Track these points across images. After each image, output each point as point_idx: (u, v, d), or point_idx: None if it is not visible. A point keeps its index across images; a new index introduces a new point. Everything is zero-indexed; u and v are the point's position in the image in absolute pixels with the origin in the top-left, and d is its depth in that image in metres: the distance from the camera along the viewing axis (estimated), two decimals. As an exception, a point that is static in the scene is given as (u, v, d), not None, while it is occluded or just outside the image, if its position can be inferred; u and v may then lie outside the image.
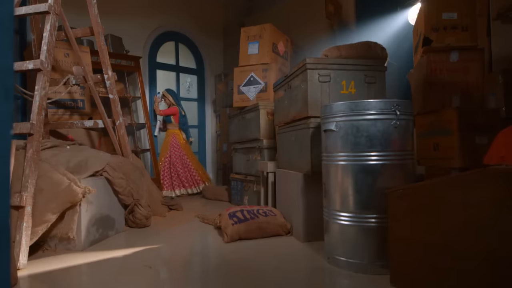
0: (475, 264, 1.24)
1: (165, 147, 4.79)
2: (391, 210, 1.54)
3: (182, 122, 4.90)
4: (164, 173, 4.69)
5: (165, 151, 4.77)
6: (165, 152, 4.76)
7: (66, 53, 3.18)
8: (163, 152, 4.79)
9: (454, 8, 2.59)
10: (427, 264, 1.39)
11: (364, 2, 4.54)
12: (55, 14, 2.27)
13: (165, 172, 4.70)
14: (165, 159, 4.73)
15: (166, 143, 4.83)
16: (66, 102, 3.16)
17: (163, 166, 4.71)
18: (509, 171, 1.22)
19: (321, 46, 3.40)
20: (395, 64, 3.57)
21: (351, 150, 1.76)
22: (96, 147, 3.31)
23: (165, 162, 4.71)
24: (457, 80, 2.59)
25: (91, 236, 2.36)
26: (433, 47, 2.60)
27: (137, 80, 4.63)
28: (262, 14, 5.20)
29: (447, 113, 2.50)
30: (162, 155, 4.78)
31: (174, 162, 4.70)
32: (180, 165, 4.72)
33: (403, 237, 1.48)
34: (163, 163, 4.72)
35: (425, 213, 1.40)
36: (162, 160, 4.74)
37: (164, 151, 4.78)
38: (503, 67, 2.87)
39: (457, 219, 1.30)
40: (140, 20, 4.88)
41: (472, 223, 1.26)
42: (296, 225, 2.41)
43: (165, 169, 4.70)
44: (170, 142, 4.78)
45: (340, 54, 2.43)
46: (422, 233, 1.40)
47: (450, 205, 1.33)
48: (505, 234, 1.18)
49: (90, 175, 2.45)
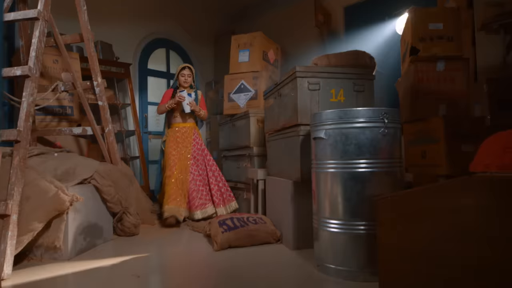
0: (463, 272, 1.25)
1: (185, 144, 3.55)
2: (380, 218, 1.56)
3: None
4: (195, 183, 3.43)
5: (185, 150, 3.52)
6: (184, 151, 3.51)
7: (55, 59, 3.15)
8: (180, 151, 3.50)
9: (440, 19, 2.65)
10: (416, 272, 1.40)
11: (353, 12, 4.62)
12: (44, 21, 2.25)
13: (196, 181, 3.43)
14: (187, 161, 3.46)
15: (185, 139, 3.58)
16: (54, 109, 3.13)
17: (187, 171, 3.42)
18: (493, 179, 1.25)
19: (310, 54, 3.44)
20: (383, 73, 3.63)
21: (340, 158, 1.78)
22: (85, 154, 3.27)
23: (189, 167, 3.45)
24: (444, 89, 2.64)
25: (78, 245, 2.32)
26: (420, 57, 2.66)
27: (127, 86, 4.61)
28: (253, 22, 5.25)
29: (434, 122, 2.54)
30: (179, 157, 3.47)
31: (200, 165, 3.53)
32: (211, 172, 3.55)
33: (391, 245, 1.49)
34: (182, 168, 3.43)
35: (413, 221, 1.42)
36: (182, 164, 3.44)
37: (182, 149, 3.52)
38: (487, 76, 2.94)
39: (444, 227, 1.32)
40: (130, 27, 4.87)
41: (460, 230, 1.28)
42: (286, 233, 2.41)
43: (194, 176, 3.44)
44: (194, 139, 3.60)
45: (330, 62, 2.47)
46: (410, 240, 1.42)
47: (437, 213, 1.34)
48: (491, 241, 1.20)
49: (78, 183, 2.42)
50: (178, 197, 3.28)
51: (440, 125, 2.48)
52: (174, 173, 3.39)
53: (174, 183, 3.35)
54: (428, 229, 1.36)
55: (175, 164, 3.44)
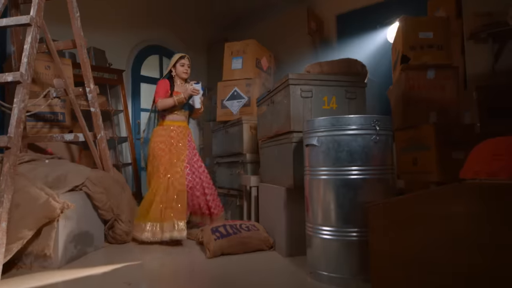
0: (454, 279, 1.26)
1: (180, 146, 3.04)
2: (372, 225, 1.56)
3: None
4: (192, 192, 3.02)
5: (179, 154, 3.01)
6: (179, 155, 3.00)
7: (47, 65, 3.13)
8: (173, 154, 2.99)
9: (430, 28, 2.70)
10: (408, 278, 1.40)
11: (345, 20, 4.68)
12: (37, 27, 2.24)
13: (194, 189, 3.03)
14: (182, 166, 2.96)
15: (180, 140, 3.07)
16: (46, 115, 3.10)
17: (183, 178, 2.92)
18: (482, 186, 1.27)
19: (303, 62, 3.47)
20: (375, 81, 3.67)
21: (333, 165, 1.79)
22: (76, 161, 3.24)
23: (185, 173, 2.97)
24: (434, 97, 2.68)
25: (69, 253, 2.29)
26: (411, 65, 2.70)
27: (119, 93, 4.60)
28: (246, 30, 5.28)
29: (425, 129, 2.57)
30: (170, 161, 2.96)
31: (195, 172, 3.10)
32: (205, 178, 3.12)
33: (383, 252, 1.50)
34: (176, 174, 2.90)
35: (405, 227, 1.43)
36: (176, 169, 2.92)
37: (177, 152, 3.00)
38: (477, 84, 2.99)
39: (436, 233, 1.33)
40: (124, 34, 4.87)
41: (451, 237, 1.29)
42: (279, 240, 2.41)
43: (190, 183, 2.99)
44: (189, 140, 3.16)
45: (322, 70, 2.49)
46: (402, 247, 1.43)
47: (429, 219, 1.36)
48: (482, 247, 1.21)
49: (69, 190, 2.39)
50: (172, 209, 2.72)
51: (431, 132, 2.51)
52: (166, 180, 2.85)
53: (164, 191, 2.80)
54: (419, 235, 1.37)
55: (167, 170, 2.90)
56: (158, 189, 2.84)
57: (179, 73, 3.15)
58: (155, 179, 2.91)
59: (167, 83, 3.08)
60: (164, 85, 3.07)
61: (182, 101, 2.99)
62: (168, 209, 2.73)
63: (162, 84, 3.07)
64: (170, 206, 2.74)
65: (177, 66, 3.14)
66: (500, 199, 1.20)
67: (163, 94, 3.02)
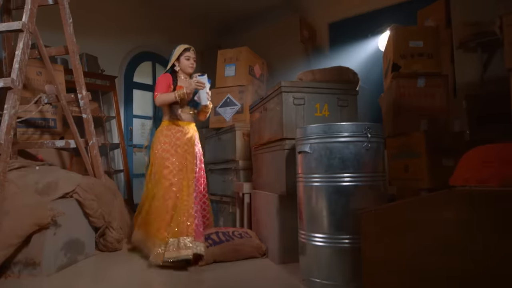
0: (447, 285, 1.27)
1: (189, 151, 2.64)
2: (364, 231, 1.57)
3: None
4: (198, 205, 2.57)
5: (188, 159, 2.61)
6: (188, 161, 2.60)
7: (39, 71, 3.11)
8: (182, 158, 2.58)
9: (420, 37, 2.74)
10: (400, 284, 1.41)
11: (337, 28, 4.73)
12: (29, 32, 2.24)
13: (199, 203, 2.60)
14: (191, 174, 2.59)
15: (187, 143, 2.66)
16: (37, 121, 3.07)
17: (191, 188, 2.52)
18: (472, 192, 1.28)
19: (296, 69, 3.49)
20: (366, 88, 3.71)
21: (325, 172, 1.80)
22: (67, 168, 3.21)
23: (193, 182, 2.58)
24: (425, 105, 2.72)
25: (59, 261, 2.26)
26: (402, 73, 2.74)
27: (112, 99, 4.57)
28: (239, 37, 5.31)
29: (415, 136, 2.60)
30: (179, 167, 2.55)
31: (197, 183, 2.65)
32: (203, 190, 2.79)
33: (376, 258, 1.51)
34: (184, 182, 2.52)
35: (397, 234, 1.44)
36: (185, 177, 2.53)
37: (185, 157, 2.60)
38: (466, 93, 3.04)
39: (427, 240, 1.34)
40: (116, 40, 4.86)
41: (442, 243, 1.30)
42: (272, 247, 2.40)
43: (197, 195, 2.59)
44: (195, 144, 2.74)
45: (314, 78, 2.51)
46: (394, 253, 1.43)
47: (420, 226, 1.37)
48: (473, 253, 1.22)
49: (60, 197, 2.36)
50: (180, 223, 2.32)
51: (421, 139, 2.54)
52: (173, 188, 2.45)
53: (172, 202, 2.40)
54: (411, 242, 1.38)
55: (174, 175, 2.48)
56: (164, 197, 2.44)
57: (183, 67, 2.72)
58: (157, 182, 2.51)
59: (169, 77, 2.66)
60: (165, 80, 2.64)
61: (184, 96, 2.53)
62: (174, 221, 2.35)
63: (163, 79, 2.65)
64: (178, 218, 2.35)
65: (181, 60, 2.72)
66: (490, 206, 1.21)
67: (163, 88, 2.60)
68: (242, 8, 5.05)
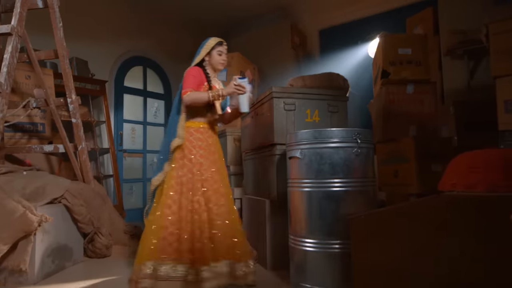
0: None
1: (220, 159, 2.28)
2: (354, 236, 1.58)
3: None
4: None
5: (219, 169, 2.22)
6: (218, 170, 2.20)
7: (28, 75, 3.08)
8: (215, 168, 2.18)
9: (409, 44, 2.79)
10: (389, 289, 1.42)
11: (328, 35, 4.79)
12: (18, 36, 2.22)
13: None
14: (224, 188, 2.16)
15: (218, 150, 2.30)
16: (25, 126, 3.03)
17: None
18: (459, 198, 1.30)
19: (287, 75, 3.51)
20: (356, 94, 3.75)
21: (315, 177, 1.81)
22: (56, 173, 3.17)
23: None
24: (413, 111, 2.76)
25: (46, 268, 2.22)
26: (391, 80, 2.77)
27: (102, 104, 4.54)
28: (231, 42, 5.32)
29: (405, 142, 2.63)
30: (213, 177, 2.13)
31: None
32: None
33: (366, 263, 1.52)
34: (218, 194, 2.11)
35: (386, 239, 1.45)
36: (217, 188, 2.12)
37: (217, 166, 2.20)
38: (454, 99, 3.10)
39: (416, 245, 1.36)
40: (107, 44, 4.84)
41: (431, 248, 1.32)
42: (262, 252, 2.40)
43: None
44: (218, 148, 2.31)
45: (305, 84, 2.53)
46: (384, 258, 1.44)
47: (409, 231, 1.38)
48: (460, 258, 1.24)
49: (48, 202, 2.33)
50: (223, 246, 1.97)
51: (410, 145, 2.57)
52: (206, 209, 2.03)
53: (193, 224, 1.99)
54: (401, 247, 1.40)
55: (212, 182, 2.09)
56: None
57: (215, 63, 2.33)
58: (183, 186, 2.06)
59: (201, 73, 2.25)
60: (198, 75, 2.23)
61: (218, 98, 2.16)
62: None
63: (194, 73, 2.22)
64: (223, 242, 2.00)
65: (213, 54, 2.32)
66: (477, 211, 1.23)
67: (195, 85, 2.18)
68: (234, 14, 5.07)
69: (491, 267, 1.18)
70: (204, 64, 2.34)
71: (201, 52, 2.35)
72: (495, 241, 1.18)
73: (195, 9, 4.91)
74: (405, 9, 3.89)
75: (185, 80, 2.21)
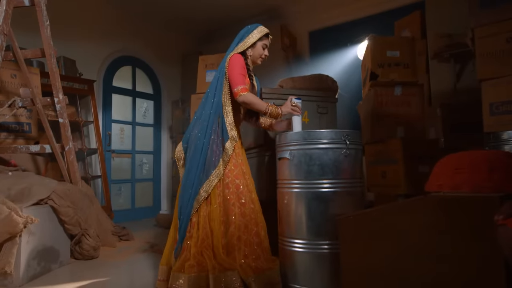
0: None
1: (242, 169, 2.04)
2: (342, 237, 1.59)
3: None
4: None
5: (244, 176, 2.03)
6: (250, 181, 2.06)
7: (13, 74, 3.03)
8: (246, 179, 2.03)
9: (397, 47, 2.82)
10: (376, 288, 1.43)
11: (318, 37, 4.82)
12: (3, 34, 2.18)
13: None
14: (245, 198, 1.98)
15: (239, 159, 2.04)
16: (10, 125, 2.98)
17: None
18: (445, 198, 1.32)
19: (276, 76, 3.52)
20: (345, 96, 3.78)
21: (305, 178, 1.81)
22: (42, 173, 3.12)
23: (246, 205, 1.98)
24: (401, 113, 2.79)
25: (32, 270, 2.18)
26: (379, 82, 2.81)
27: (90, 103, 4.48)
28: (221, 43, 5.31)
29: (392, 143, 2.66)
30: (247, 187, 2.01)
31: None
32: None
33: (354, 263, 1.53)
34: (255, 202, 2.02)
35: (374, 239, 1.46)
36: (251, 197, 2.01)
37: (248, 177, 2.06)
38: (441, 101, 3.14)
39: (404, 245, 1.37)
40: (96, 44, 4.78)
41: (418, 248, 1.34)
42: (252, 253, 2.39)
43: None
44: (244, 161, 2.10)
45: (294, 85, 2.55)
46: (372, 258, 1.46)
47: (397, 231, 1.40)
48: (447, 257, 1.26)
49: (34, 204, 2.29)
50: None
51: (398, 146, 2.61)
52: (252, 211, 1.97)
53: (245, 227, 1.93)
54: (389, 247, 1.41)
55: (244, 194, 1.97)
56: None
57: (255, 57, 2.13)
58: (230, 192, 1.94)
59: (243, 63, 2.04)
60: (244, 69, 2.03)
61: (275, 117, 2.03)
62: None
63: (241, 66, 2.01)
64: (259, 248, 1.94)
65: (257, 46, 2.11)
66: (463, 211, 1.26)
67: (243, 80, 1.99)
68: (223, 16, 5.07)
69: (477, 267, 1.21)
70: (247, 52, 2.10)
71: (248, 40, 2.08)
72: (480, 241, 1.20)
73: (183, 9, 4.90)
74: (394, 12, 3.94)
75: (233, 69, 1.98)
